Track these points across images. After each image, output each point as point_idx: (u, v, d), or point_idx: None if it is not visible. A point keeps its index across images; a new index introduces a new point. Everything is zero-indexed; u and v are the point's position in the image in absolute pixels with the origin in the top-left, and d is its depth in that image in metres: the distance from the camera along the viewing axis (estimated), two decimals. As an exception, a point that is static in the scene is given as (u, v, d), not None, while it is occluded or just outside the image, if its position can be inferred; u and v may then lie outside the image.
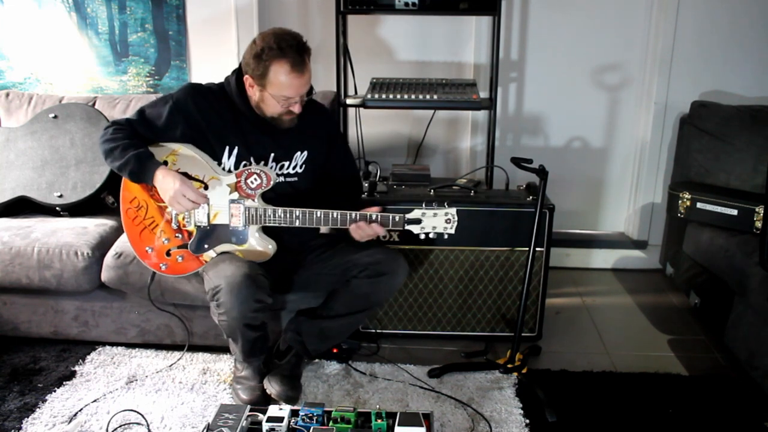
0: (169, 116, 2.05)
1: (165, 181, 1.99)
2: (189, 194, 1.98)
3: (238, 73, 2.07)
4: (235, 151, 2.09)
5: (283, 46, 1.94)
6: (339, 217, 2.02)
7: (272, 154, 2.12)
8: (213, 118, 2.07)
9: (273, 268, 2.10)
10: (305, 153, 2.17)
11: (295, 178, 2.17)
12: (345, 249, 2.17)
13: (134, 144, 2.03)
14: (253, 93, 2.04)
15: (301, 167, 2.17)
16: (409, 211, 2.02)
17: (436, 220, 2.01)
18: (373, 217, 2.01)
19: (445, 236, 2.03)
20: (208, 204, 2.06)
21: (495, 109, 2.79)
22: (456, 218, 2.01)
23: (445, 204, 2.02)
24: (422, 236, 2.03)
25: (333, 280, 2.17)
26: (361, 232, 2.04)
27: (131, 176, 2.03)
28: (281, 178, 2.13)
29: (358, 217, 2.02)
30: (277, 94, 1.99)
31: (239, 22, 3.07)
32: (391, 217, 2.02)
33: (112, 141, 2.04)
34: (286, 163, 2.15)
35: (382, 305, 2.53)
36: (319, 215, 2.02)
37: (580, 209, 3.42)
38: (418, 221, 2.01)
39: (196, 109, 2.05)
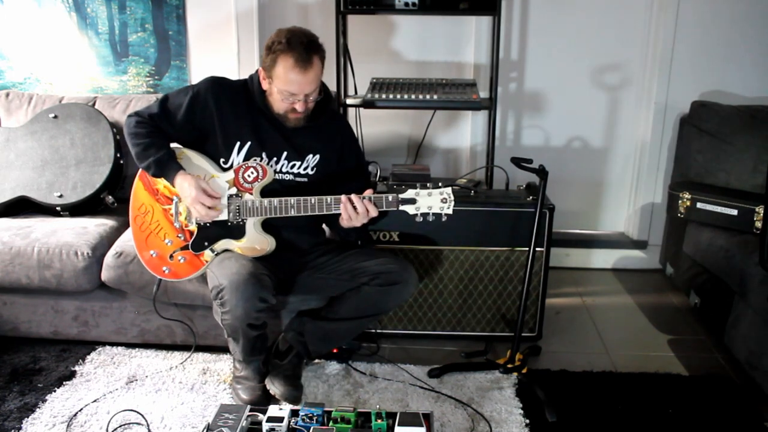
0: (188, 107, 2.09)
1: (182, 188, 2.06)
2: (205, 201, 2.03)
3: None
4: (247, 146, 2.10)
5: (292, 41, 1.97)
6: (333, 202, 2.00)
7: (285, 153, 2.13)
8: (228, 112, 2.09)
9: (277, 269, 2.10)
10: (317, 156, 2.17)
11: (305, 179, 2.17)
12: (355, 256, 2.16)
13: (155, 143, 2.09)
14: (265, 86, 2.07)
15: (312, 169, 2.17)
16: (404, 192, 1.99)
17: (431, 200, 1.98)
18: (366, 197, 2.00)
19: (444, 217, 1.98)
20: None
21: (495, 109, 2.79)
22: (452, 198, 1.97)
23: (440, 184, 1.99)
24: (419, 218, 1.99)
25: (340, 285, 2.16)
26: (351, 211, 1.98)
27: (154, 176, 2.12)
28: (289, 176, 2.14)
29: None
30: (281, 88, 2.01)
31: (239, 22, 3.07)
32: (384, 198, 1.99)
33: (134, 136, 2.11)
34: (298, 163, 2.15)
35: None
36: (313, 202, 2.01)
37: (580, 209, 3.42)
38: (412, 201, 1.98)
39: (213, 101, 2.09)
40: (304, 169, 2.16)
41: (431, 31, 3.17)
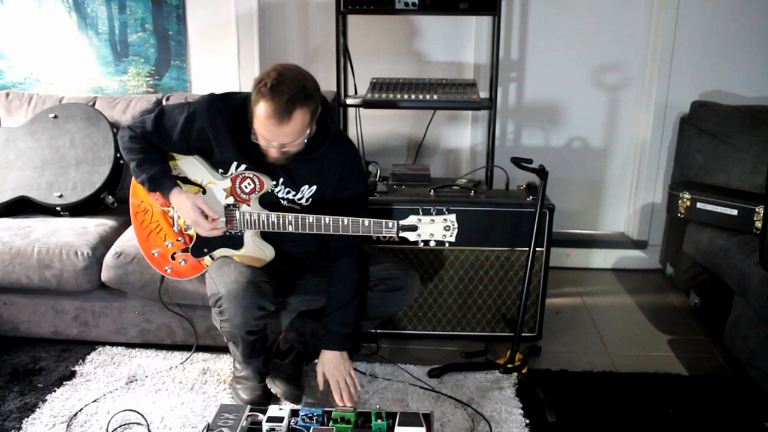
0: (183, 127, 2.00)
1: (179, 206, 2.02)
2: (203, 225, 2.00)
3: None
4: (243, 167, 2.03)
5: (276, 89, 1.79)
6: (331, 223, 1.95)
7: (281, 179, 2.06)
8: (224, 134, 1.99)
9: (278, 274, 2.09)
10: (314, 187, 2.07)
11: (299, 207, 2.10)
12: None
13: (148, 159, 2.03)
14: None
15: (307, 201, 2.08)
16: (405, 216, 1.93)
17: (433, 227, 1.90)
18: (365, 223, 1.93)
19: (446, 244, 1.92)
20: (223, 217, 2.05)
21: (495, 109, 2.79)
22: (455, 225, 1.90)
23: (444, 210, 1.91)
24: (420, 244, 1.93)
25: None
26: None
27: (150, 191, 2.08)
28: (285, 202, 2.09)
29: (349, 223, 1.94)
30: (258, 129, 1.88)
31: (239, 22, 3.07)
32: (384, 223, 1.92)
33: (128, 151, 2.06)
34: (293, 192, 2.08)
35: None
36: (311, 220, 1.95)
37: (580, 209, 3.42)
38: (413, 228, 1.90)
39: (209, 124, 1.98)
40: (299, 199, 2.08)
41: (431, 31, 3.17)
